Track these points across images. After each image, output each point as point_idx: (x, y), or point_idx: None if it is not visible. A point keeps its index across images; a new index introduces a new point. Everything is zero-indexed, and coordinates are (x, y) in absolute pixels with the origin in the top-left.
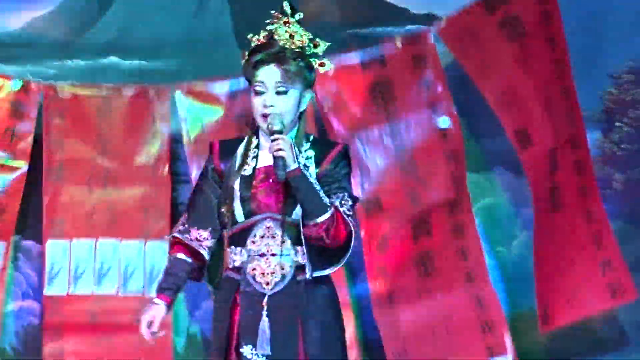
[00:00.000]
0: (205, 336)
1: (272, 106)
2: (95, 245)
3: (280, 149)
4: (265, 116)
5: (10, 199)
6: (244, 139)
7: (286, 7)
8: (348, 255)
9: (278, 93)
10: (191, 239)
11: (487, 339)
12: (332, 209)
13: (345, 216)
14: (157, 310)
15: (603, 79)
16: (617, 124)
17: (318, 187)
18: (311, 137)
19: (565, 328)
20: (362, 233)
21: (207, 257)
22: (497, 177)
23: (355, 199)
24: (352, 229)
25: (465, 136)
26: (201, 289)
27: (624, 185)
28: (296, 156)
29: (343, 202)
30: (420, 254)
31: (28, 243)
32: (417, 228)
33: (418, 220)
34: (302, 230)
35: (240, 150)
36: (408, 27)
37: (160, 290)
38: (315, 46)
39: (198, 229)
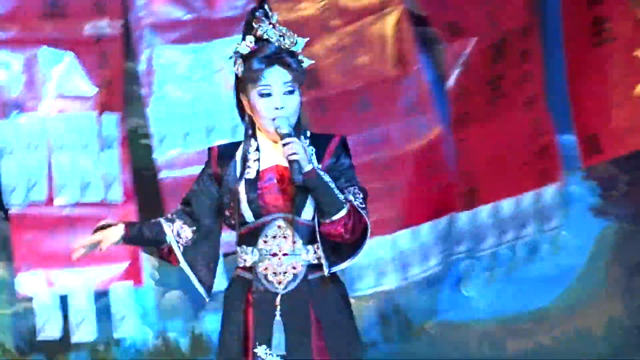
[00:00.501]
0: (210, 337)
1: (282, 107)
2: None
3: (294, 153)
4: (272, 119)
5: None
6: (240, 142)
7: (267, 10)
8: (363, 248)
9: (286, 94)
10: (171, 230)
11: (541, 164)
12: (348, 204)
13: (359, 209)
14: (113, 233)
15: None
16: None
17: (333, 185)
18: (308, 133)
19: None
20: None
21: (178, 254)
22: None
23: (364, 191)
24: (368, 221)
25: None
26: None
27: (628, 186)
28: (310, 156)
29: (355, 196)
30: (493, 76)
31: None
32: (493, 50)
33: (495, 43)
34: (318, 228)
35: (239, 153)
36: None
37: (127, 224)
38: (294, 44)
39: (183, 224)
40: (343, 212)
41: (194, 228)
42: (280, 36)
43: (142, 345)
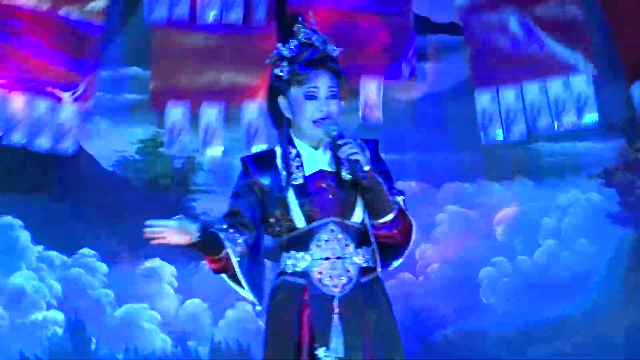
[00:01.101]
0: (229, 345)
1: (326, 110)
2: None
3: (355, 152)
4: (316, 122)
5: None
6: (271, 150)
7: (311, 16)
8: (409, 248)
9: (330, 97)
10: (226, 238)
11: None
12: (397, 205)
13: (405, 210)
14: (189, 231)
15: (628, 86)
16: None
17: (384, 186)
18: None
19: None
20: None
21: (235, 264)
22: (519, 186)
23: (403, 192)
24: (412, 221)
25: (485, 145)
26: (225, 297)
27: None
28: (368, 156)
29: (399, 199)
30: None
31: (51, 253)
32: None
33: None
34: (370, 230)
35: (280, 161)
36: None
37: (203, 228)
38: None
39: (236, 233)
40: (394, 213)
41: (246, 237)
42: (323, 42)
43: (161, 353)
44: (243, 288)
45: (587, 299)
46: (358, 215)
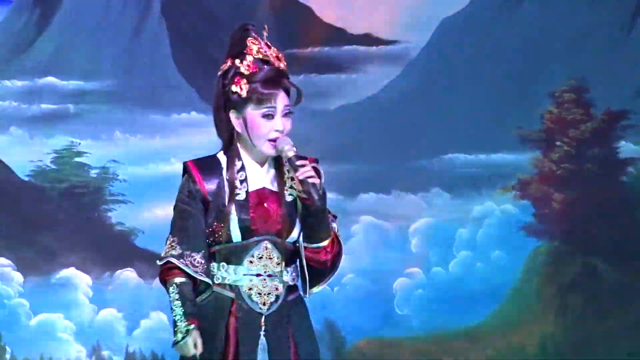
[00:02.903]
0: (144, 354)
1: (282, 131)
2: None
3: (312, 176)
4: (271, 140)
5: None
6: (214, 157)
7: (265, 31)
8: (335, 274)
9: (284, 116)
10: (186, 264)
11: None
12: (333, 232)
13: (338, 236)
14: (196, 333)
15: (543, 98)
16: (557, 143)
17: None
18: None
19: None
20: None
21: (202, 279)
22: (434, 197)
23: (335, 218)
24: (342, 249)
25: (401, 156)
26: (139, 308)
27: (562, 204)
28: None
29: (334, 224)
30: None
31: None
32: None
33: None
34: (302, 252)
35: (226, 173)
36: (346, 47)
37: (188, 316)
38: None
39: (191, 253)
40: (330, 239)
41: (202, 252)
42: (277, 57)
43: None
44: None
45: (501, 310)
46: (294, 235)
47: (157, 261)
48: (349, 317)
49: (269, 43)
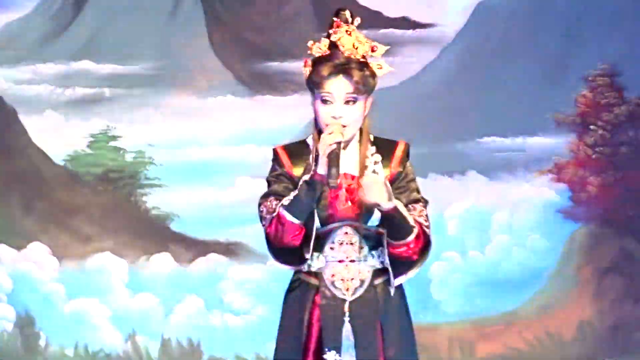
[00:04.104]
0: (179, 340)
1: (341, 117)
2: None
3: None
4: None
5: None
6: (303, 141)
7: (346, 14)
8: (425, 262)
9: (346, 103)
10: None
11: None
12: (417, 227)
13: (425, 229)
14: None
15: (577, 82)
16: (591, 127)
17: (407, 213)
18: (372, 137)
19: None
20: None
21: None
22: (470, 181)
23: (426, 203)
24: (430, 239)
25: (437, 139)
26: (175, 293)
27: (598, 188)
28: (391, 192)
29: (420, 214)
30: None
31: (1, 248)
32: None
33: None
34: (385, 246)
35: (311, 156)
36: (382, 30)
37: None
38: (374, 51)
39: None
40: (412, 236)
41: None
42: (353, 45)
43: (111, 348)
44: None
45: (539, 294)
46: (375, 219)
47: (262, 224)
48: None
49: (352, 30)
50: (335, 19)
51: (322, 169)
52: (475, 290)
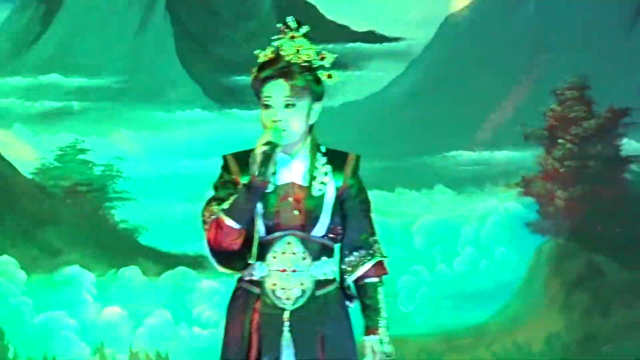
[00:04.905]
0: (148, 353)
1: (280, 120)
2: None
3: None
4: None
5: None
6: (253, 150)
7: (291, 22)
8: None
9: (286, 107)
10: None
11: None
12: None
13: (383, 260)
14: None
15: (545, 95)
16: (559, 140)
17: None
18: (323, 149)
19: None
20: None
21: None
22: (438, 194)
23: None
24: (384, 261)
25: (405, 153)
26: (144, 306)
27: (566, 202)
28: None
29: (376, 245)
30: None
31: None
32: None
33: None
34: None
35: (250, 163)
36: (349, 44)
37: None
38: (322, 59)
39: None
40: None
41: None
42: (295, 50)
43: None
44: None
45: (506, 307)
46: (320, 229)
47: (205, 228)
48: (353, 314)
49: (297, 35)
50: (280, 25)
51: (254, 169)
52: (443, 304)
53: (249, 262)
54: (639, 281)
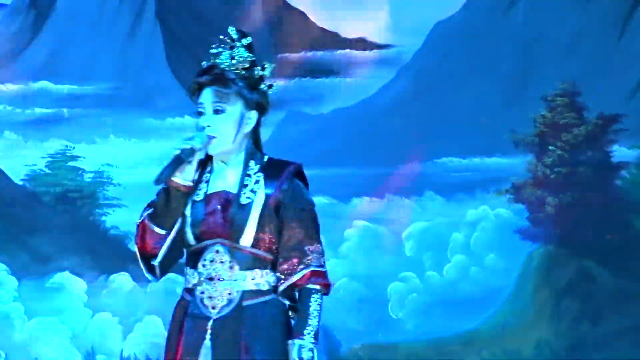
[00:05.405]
0: (138, 359)
1: (208, 126)
2: None
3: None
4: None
5: None
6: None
7: (232, 32)
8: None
9: (215, 112)
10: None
11: None
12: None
13: (326, 277)
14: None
15: (536, 102)
16: (550, 147)
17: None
18: (265, 159)
19: None
20: None
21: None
22: (428, 201)
23: (319, 241)
24: (324, 279)
25: (395, 160)
26: (134, 312)
27: (556, 208)
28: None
29: (318, 259)
30: None
31: None
32: None
33: None
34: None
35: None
36: (339, 51)
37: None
38: (263, 69)
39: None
40: (300, 275)
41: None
42: (230, 59)
43: None
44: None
45: (496, 314)
46: (248, 238)
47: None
48: (344, 321)
49: (235, 45)
50: (229, 33)
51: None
52: (433, 310)
53: (157, 271)
54: (629, 288)
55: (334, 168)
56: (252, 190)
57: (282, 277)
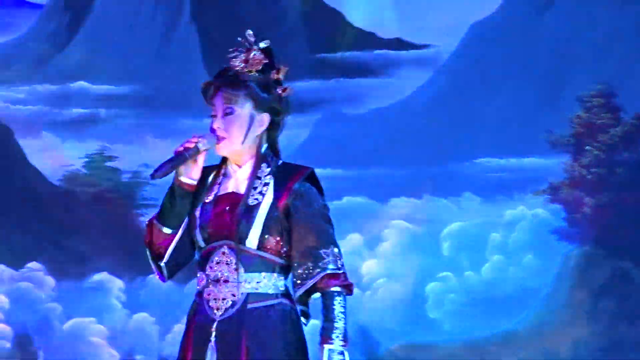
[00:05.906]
0: None
1: (218, 127)
2: None
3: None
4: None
5: None
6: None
7: (249, 35)
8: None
9: (226, 114)
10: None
11: None
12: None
13: (346, 278)
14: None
15: (572, 102)
16: (586, 147)
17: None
18: (279, 163)
19: None
20: None
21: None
22: (465, 201)
23: (335, 253)
24: (343, 280)
25: (432, 160)
26: (172, 312)
27: (593, 209)
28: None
29: (336, 260)
30: None
31: None
32: None
33: None
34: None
35: (211, 177)
36: (376, 51)
37: None
38: (278, 72)
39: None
40: (315, 279)
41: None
42: (243, 62)
43: None
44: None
45: (534, 314)
46: (253, 240)
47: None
48: (381, 321)
49: (251, 48)
50: (245, 37)
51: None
52: (470, 310)
53: (164, 272)
54: None
55: (372, 168)
56: (261, 193)
57: (298, 281)
